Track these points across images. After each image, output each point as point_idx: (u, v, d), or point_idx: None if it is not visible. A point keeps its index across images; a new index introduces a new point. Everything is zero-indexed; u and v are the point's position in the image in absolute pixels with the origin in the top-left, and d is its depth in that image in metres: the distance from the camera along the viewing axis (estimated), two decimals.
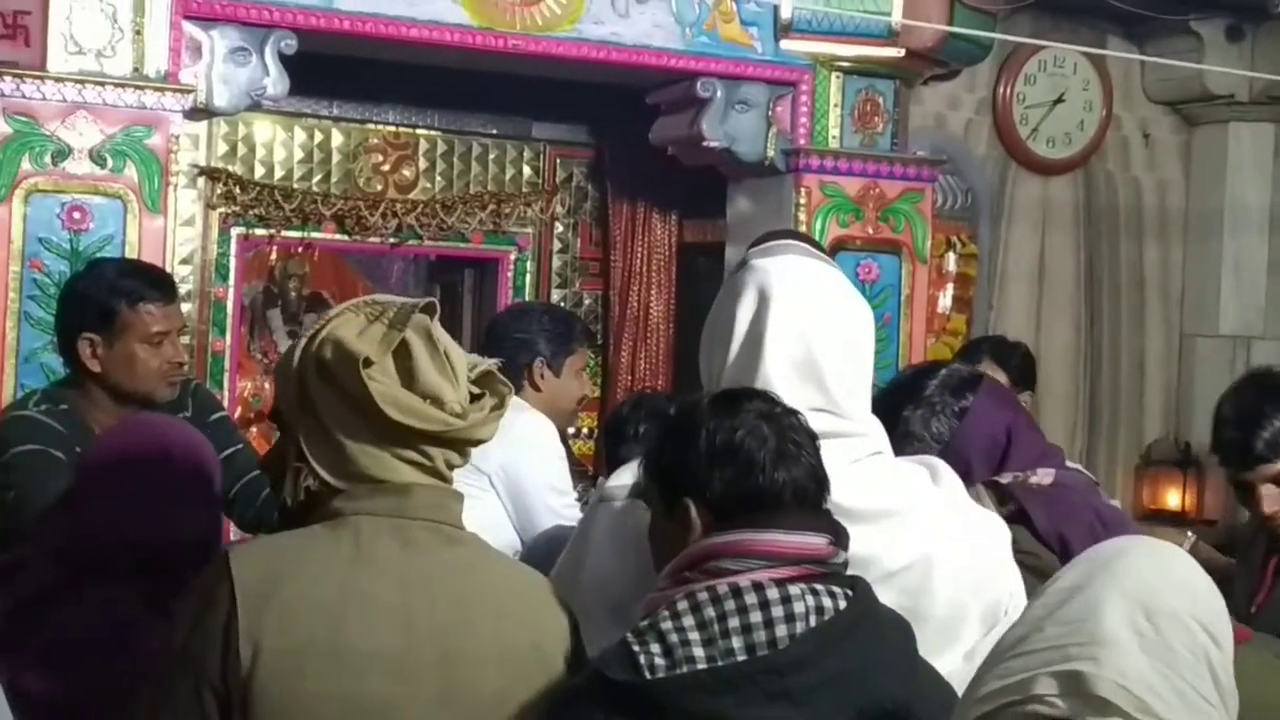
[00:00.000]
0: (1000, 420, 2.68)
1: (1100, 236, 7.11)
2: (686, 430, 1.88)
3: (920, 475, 2.16)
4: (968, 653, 2.02)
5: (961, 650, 2.03)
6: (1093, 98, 6.96)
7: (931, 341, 5.98)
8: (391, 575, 1.79)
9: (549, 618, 1.89)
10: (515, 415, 3.40)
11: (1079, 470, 2.90)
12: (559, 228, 6.07)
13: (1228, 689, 1.50)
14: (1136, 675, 1.44)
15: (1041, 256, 6.98)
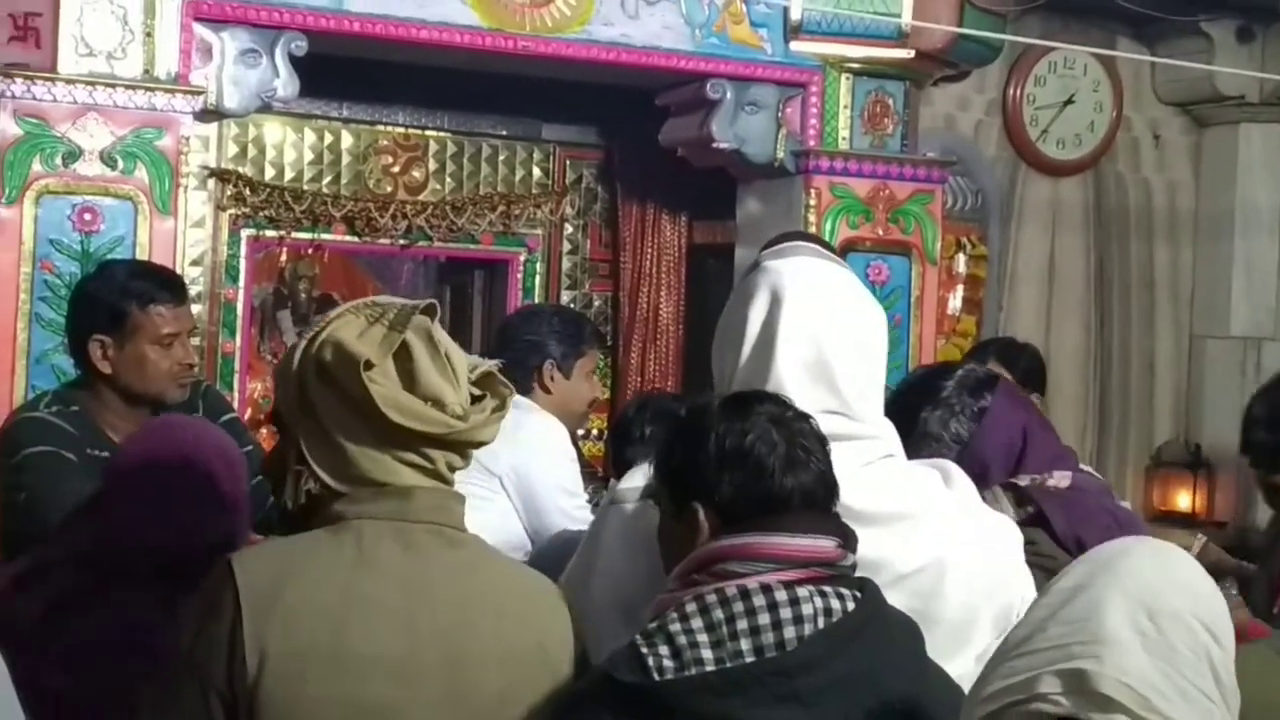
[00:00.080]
0: (1016, 421, 2.66)
1: (1110, 238, 7.10)
2: (696, 433, 1.87)
3: (932, 478, 2.15)
4: (979, 656, 2.00)
5: (973, 654, 2.02)
6: (1103, 99, 6.94)
7: (941, 343, 5.98)
8: (394, 579, 1.79)
9: (552, 618, 1.89)
10: (525, 417, 3.41)
11: (1091, 473, 2.89)
12: (569, 229, 6.07)
13: (1229, 687, 1.50)
14: (1139, 673, 1.44)
15: (1051, 258, 6.96)
